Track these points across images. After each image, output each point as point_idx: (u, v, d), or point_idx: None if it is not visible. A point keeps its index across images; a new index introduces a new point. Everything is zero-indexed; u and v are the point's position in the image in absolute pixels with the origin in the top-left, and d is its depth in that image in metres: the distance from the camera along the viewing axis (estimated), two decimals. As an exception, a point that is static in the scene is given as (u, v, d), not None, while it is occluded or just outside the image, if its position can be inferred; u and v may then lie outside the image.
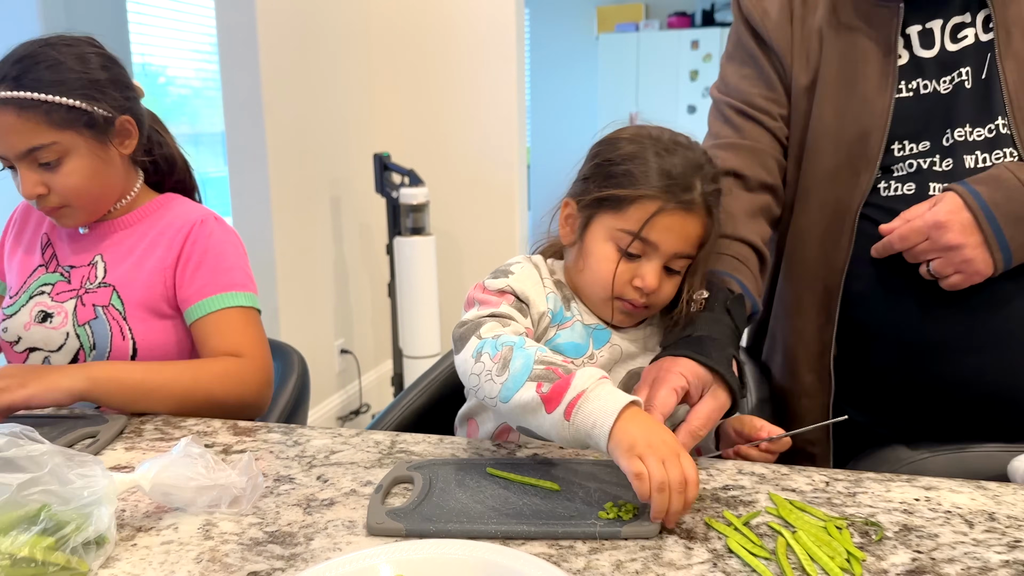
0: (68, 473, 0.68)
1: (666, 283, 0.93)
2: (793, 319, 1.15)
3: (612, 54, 6.25)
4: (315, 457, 0.89)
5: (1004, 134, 1.02)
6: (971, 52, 1.04)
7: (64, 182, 1.10)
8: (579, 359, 0.94)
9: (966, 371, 1.05)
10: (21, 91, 1.05)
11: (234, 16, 2.74)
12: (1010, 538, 0.70)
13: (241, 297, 1.16)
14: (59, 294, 1.16)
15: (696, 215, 0.91)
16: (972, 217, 0.96)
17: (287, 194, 2.95)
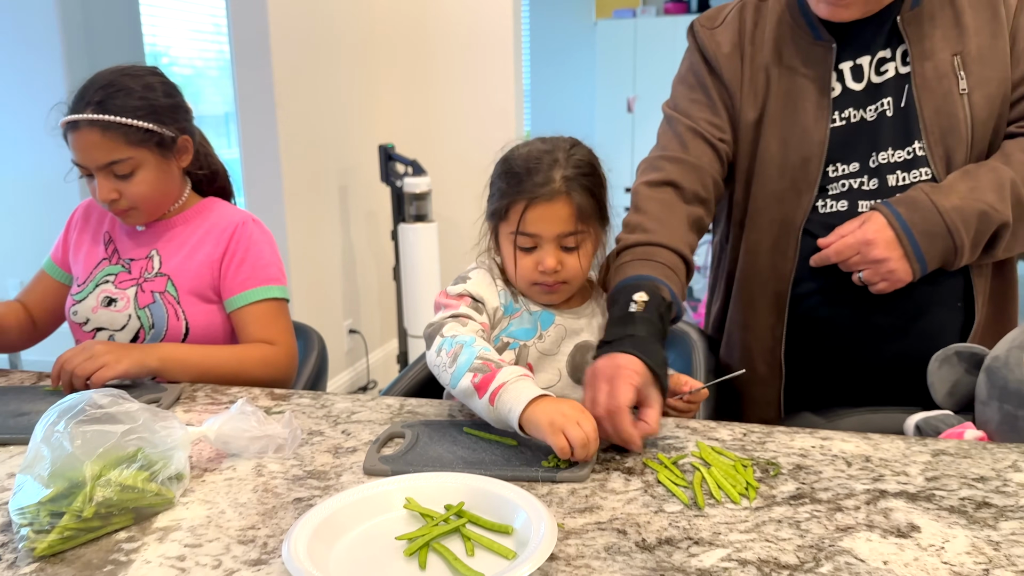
0: (154, 425, 0.89)
1: (568, 259, 1.13)
2: (748, 319, 1.34)
3: (610, 40, 6.39)
4: (339, 416, 1.11)
5: (920, 155, 1.21)
6: (892, 83, 1.22)
7: (135, 190, 1.33)
8: (530, 340, 1.15)
9: (890, 357, 1.26)
10: (106, 115, 1.28)
11: (247, 20, 2.93)
12: (876, 473, 0.91)
13: (275, 290, 1.39)
14: (121, 282, 1.39)
15: (560, 200, 1.09)
16: (895, 235, 1.15)
17: (298, 184, 3.14)
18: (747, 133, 1.28)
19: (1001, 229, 1.17)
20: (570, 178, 1.10)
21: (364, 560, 0.75)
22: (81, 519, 0.80)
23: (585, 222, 1.12)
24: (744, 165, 1.29)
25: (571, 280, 1.15)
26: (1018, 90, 1.21)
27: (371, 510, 0.82)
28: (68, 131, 1.31)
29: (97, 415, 0.86)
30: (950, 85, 1.19)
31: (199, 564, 0.76)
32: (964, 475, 0.90)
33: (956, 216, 1.14)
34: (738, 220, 1.33)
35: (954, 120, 1.19)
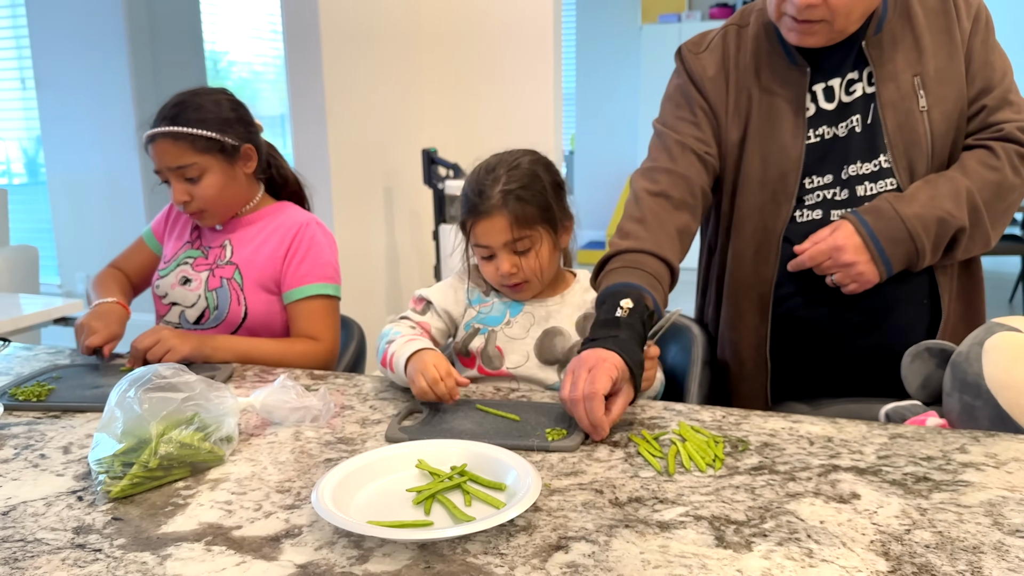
0: (209, 394, 1.05)
1: (523, 261, 1.33)
2: (735, 319, 1.45)
3: (655, 44, 6.48)
4: (368, 394, 1.26)
5: (886, 167, 1.32)
6: (860, 102, 1.33)
7: (203, 193, 1.52)
8: (498, 326, 1.38)
9: (865, 351, 1.37)
10: (175, 126, 1.49)
11: (299, 29, 3.11)
12: (832, 451, 1.03)
13: (329, 287, 1.56)
14: (198, 265, 1.59)
15: (498, 214, 1.30)
16: (862, 241, 1.27)
17: (345, 185, 3.32)
18: (732, 150, 1.39)
19: (959, 233, 1.28)
20: (507, 192, 1.30)
21: (380, 506, 0.90)
22: (147, 469, 0.96)
23: (528, 227, 1.30)
24: (729, 179, 1.41)
25: (531, 278, 1.33)
26: (974, 106, 1.32)
27: (388, 468, 0.97)
28: (148, 144, 1.52)
29: (161, 384, 1.03)
30: (911, 103, 1.30)
31: (243, 507, 0.91)
32: (913, 455, 1.01)
33: (917, 223, 1.25)
34: (724, 229, 1.44)
35: (915, 135, 1.30)
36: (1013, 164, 1.30)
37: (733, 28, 1.43)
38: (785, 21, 1.29)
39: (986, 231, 1.31)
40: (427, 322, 1.41)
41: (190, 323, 1.57)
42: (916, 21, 1.33)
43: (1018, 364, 1.09)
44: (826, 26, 1.26)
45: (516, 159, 1.36)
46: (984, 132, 1.33)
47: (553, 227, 1.35)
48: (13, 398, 1.26)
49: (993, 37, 1.35)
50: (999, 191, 1.30)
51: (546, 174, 1.36)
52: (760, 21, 1.40)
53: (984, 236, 1.31)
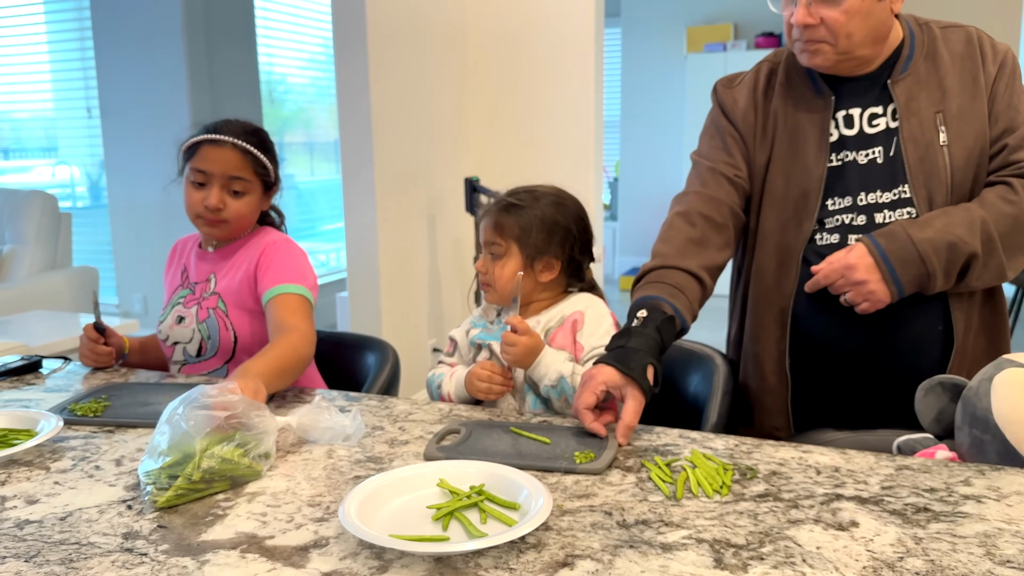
0: (250, 413, 1.13)
1: (493, 264, 1.51)
2: (757, 334, 1.51)
3: (700, 72, 6.52)
4: (398, 416, 1.33)
5: (906, 197, 1.38)
6: (883, 135, 1.40)
7: (237, 207, 1.64)
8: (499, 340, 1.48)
9: (879, 373, 1.42)
10: (248, 144, 1.63)
11: (349, 61, 3.24)
12: (838, 481, 1.06)
13: (295, 287, 1.59)
14: (188, 303, 1.69)
15: (487, 217, 1.52)
16: (874, 261, 1.33)
17: (391, 213, 3.43)
18: (759, 171, 1.48)
19: (971, 260, 1.32)
20: (508, 204, 1.50)
21: (401, 521, 0.97)
22: (191, 481, 1.04)
23: (501, 236, 1.46)
24: (755, 199, 1.49)
25: (493, 284, 1.49)
26: (996, 145, 1.37)
27: (412, 486, 1.03)
28: (207, 144, 1.62)
29: (207, 403, 1.11)
30: (932, 138, 1.37)
31: (277, 519, 0.99)
32: (917, 486, 1.04)
33: (928, 246, 1.31)
34: (750, 246, 1.52)
35: (935, 168, 1.36)
36: None
37: (766, 64, 1.54)
38: (796, 45, 1.40)
39: (1000, 261, 1.35)
40: (455, 362, 1.62)
41: (193, 357, 1.67)
42: (942, 63, 1.40)
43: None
44: (829, 47, 1.36)
45: (538, 188, 1.53)
46: (1006, 169, 1.38)
47: (524, 251, 1.48)
48: (72, 413, 1.36)
49: (1019, 83, 1.40)
50: (1015, 224, 1.34)
51: (550, 210, 1.48)
52: (791, 59, 1.49)
53: (998, 266, 1.35)
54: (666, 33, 6.95)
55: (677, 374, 1.62)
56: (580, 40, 3.80)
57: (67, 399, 1.45)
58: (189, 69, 4.89)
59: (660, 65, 7.03)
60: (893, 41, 1.41)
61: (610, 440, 1.19)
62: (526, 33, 3.86)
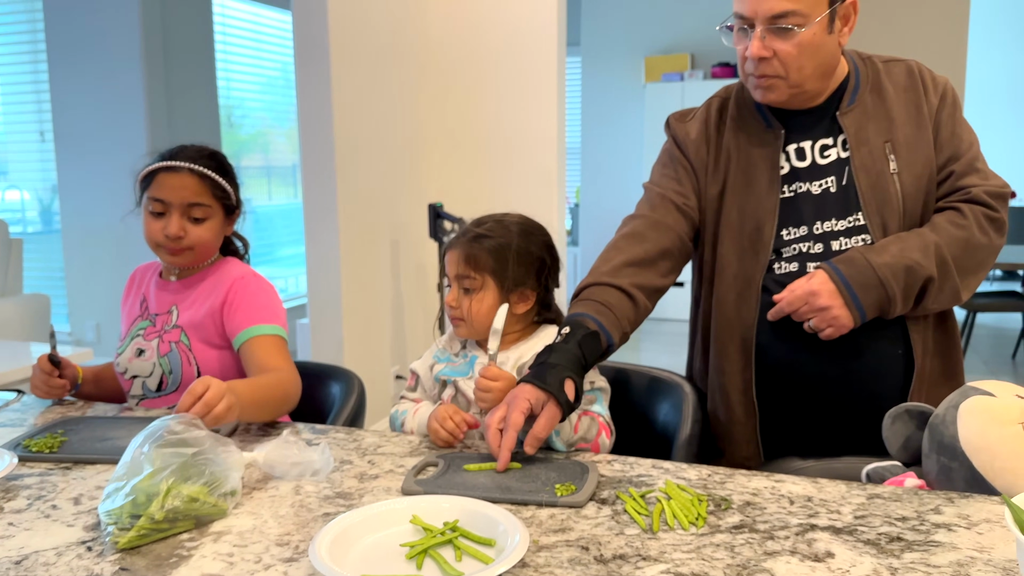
0: (217, 449, 1.10)
1: (465, 299, 1.45)
2: (722, 364, 1.52)
3: (658, 101, 6.62)
4: (367, 449, 1.31)
5: (861, 224, 1.42)
6: (835, 165, 1.44)
7: (199, 234, 1.60)
8: (463, 377, 1.46)
9: (842, 396, 1.44)
10: (205, 168, 1.59)
11: (311, 86, 3.23)
12: (812, 511, 1.07)
13: (271, 328, 1.58)
14: (148, 335, 1.64)
15: (456, 250, 1.46)
16: (836, 287, 1.35)
17: (353, 238, 3.40)
18: (712, 203, 1.50)
19: (928, 283, 1.36)
20: (477, 235, 1.45)
21: (374, 560, 0.94)
22: (154, 521, 1.01)
23: (474, 270, 1.42)
24: (710, 230, 1.51)
25: (467, 319, 1.44)
26: (943, 172, 1.43)
27: (383, 523, 1.01)
28: (163, 172, 1.58)
29: (173, 440, 1.08)
30: (882, 166, 1.41)
31: (244, 559, 0.96)
32: (889, 515, 1.05)
33: (887, 270, 1.34)
34: (708, 277, 1.53)
35: (887, 195, 1.40)
36: (980, 224, 1.40)
37: (716, 99, 1.57)
38: (750, 80, 1.43)
39: (955, 284, 1.39)
40: (419, 397, 1.55)
41: (153, 392, 1.62)
42: (887, 95, 1.45)
43: (991, 427, 1.13)
44: (782, 81, 1.39)
45: (506, 217, 1.50)
46: (953, 195, 1.43)
47: (501, 284, 1.43)
48: (27, 449, 1.31)
49: (960, 113, 1.46)
50: (967, 247, 1.39)
51: (522, 239, 1.46)
52: (740, 94, 1.53)
53: (953, 289, 1.39)
54: (625, 62, 7.05)
55: (646, 403, 1.62)
56: (542, 68, 3.83)
57: (21, 435, 1.40)
58: (146, 92, 4.82)
59: (619, 93, 7.12)
60: (839, 75, 1.46)
61: (591, 471, 1.18)
62: (489, 61, 3.88)
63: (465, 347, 1.52)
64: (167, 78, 4.96)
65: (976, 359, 5.35)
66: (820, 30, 1.35)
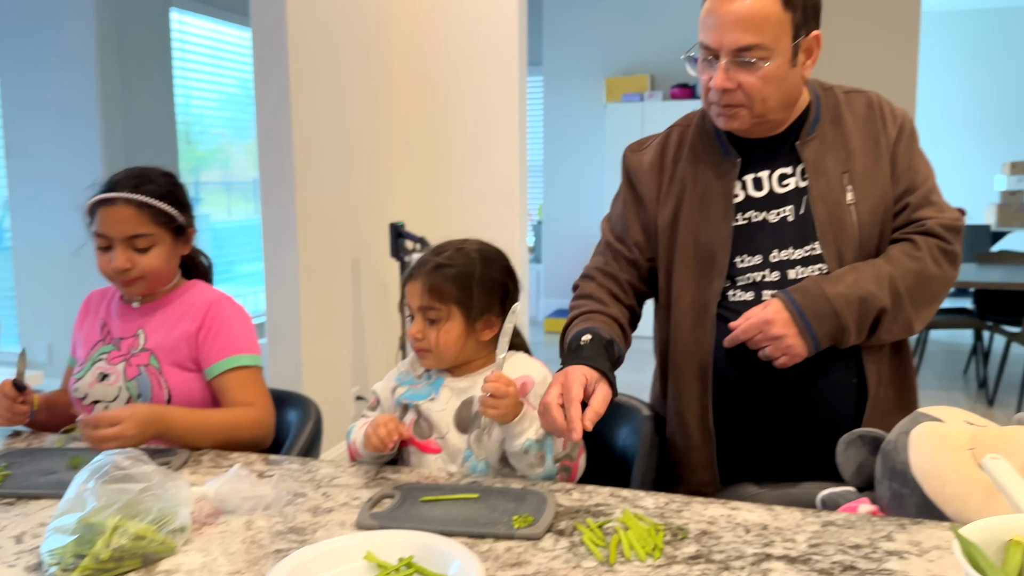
0: (165, 484, 1.07)
1: (430, 331, 1.42)
2: (680, 390, 1.52)
3: (619, 121, 6.68)
4: (322, 481, 1.29)
5: (817, 254, 1.43)
6: (793, 194, 1.45)
7: (148, 263, 1.56)
8: (423, 401, 1.44)
9: (797, 423, 1.45)
10: (142, 196, 1.54)
11: (270, 103, 3.20)
12: (767, 540, 1.07)
13: (248, 358, 1.59)
14: (112, 359, 1.60)
15: (421, 278, 1.43)
16: (790, 316, 1.36)
17: (313, 257, 3.37)
18: (665, 231, 1.51)
19: (881, 314, 1.38)
20: (437, 264, 1.42)
21: (326, 600, 0.93)
22: (99, 561, 0.98)
23: (439, 300, 1.40)
24: (665, 258, 1.53)
25: (432, 349, 1.42)
26: (899, 204, 1.45)
27: (336, 560, 0.99)
28: (101, 206, 1.55)
29: (119, 476, 1.05)
30: (840, 197, 1.42)
31: (193, 600, 0.93)
32: (843, 543, 1.06)
33: (841, 301, 1.36)
34: (664, 303, 1.55)
35: (844, 225, 1.42)
36: (933, 256, 1.41)
37: (677, 128, 1.58)
38: (712, 108, 1.44)
39: (908, 315, 1.40)
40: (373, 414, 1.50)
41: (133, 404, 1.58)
42: (846, 126, 1.46)
43: (941, 454, 1.15)
44: (746, 111, 1.40)
45: (465, 244, 1.48)
46: (909, 227, 1.45)
47: (467, 313, 1.42)
48: (-33, 484, 1.27)
49: (917, 145, 1.48)
50: (920, 279, 1.40)
51: (484, 267, 1.45)
52: (702, 122, 1.54)
53: (906, 320, 1.41)
54: (586, 82, 7.11)
55: (605, 427, 1.62)
56: (504, 87, 3.85)
57: (-39, 468, 1.35)
58: (101, 107, 4.74)
59: (581, 112, 7.18)
60: (801, 104, 1.47)
61: (548, 501, 1.17)
62: (451, 79, 3.89)
63: (429, 369, 1.50)
64: (123, 94, 4.88)
65: (929, 374, 5.46)
66: (784, 63, 1.37)
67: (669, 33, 6.71)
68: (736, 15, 1.34)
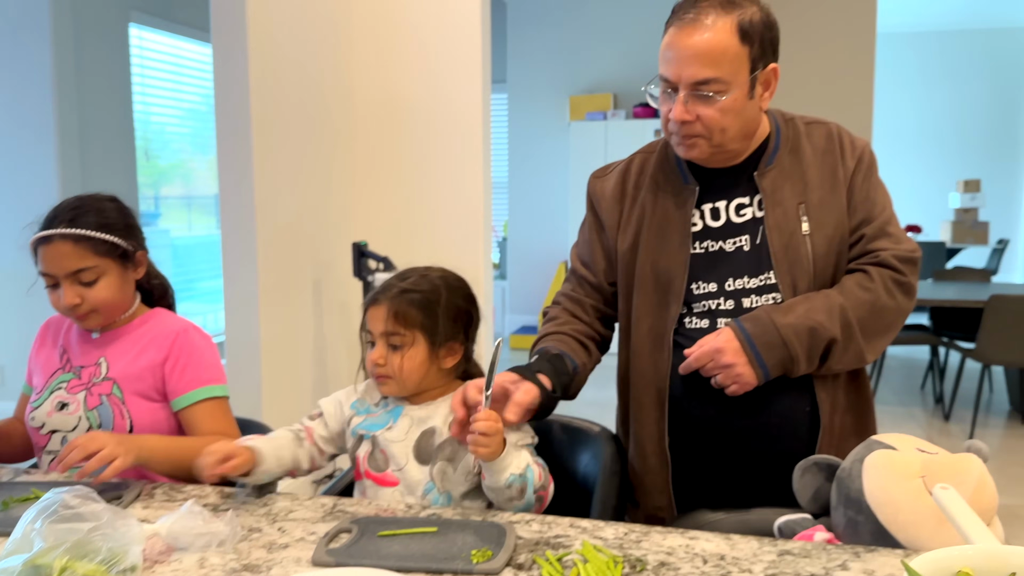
0: (115, 523, 1.05)
1: (392, 357, 1.40)
2: (638, 413, 1.53)
3: (583, 139, 6.73)
4: (277, 515, 1.27)
5: (772, 283, 1.45)
6: (750, 224, 1.47)
7: (96, 295, 1.52)
8: (380, 431, 1.43)
9: (751, 450, 1.47)
10: (78, 228, 1.49)
11: (230, 125, 3.17)
12: (724, 570, 1.08)
13: (217, 389, 1.57)
14: (72, 388, 1.57)
15: (382, 306, 1.41)
16: (740, 344, 1.38)
17: (273, 276, 3.33)
18: (625, 256, 1.54)
19: (831, 344, 1.40)
20: (402, 290, 1.41)
21: (280, 642, 0.91)
22: (46, 604, 0.95)
23: (403, 326, 1.39)
24: (624, 282, 1.55)
25: (395, 376, 1.40)
26: (855, 234, 1.47)
27: (291, 599, 0.98)
28: (40, 245, 1.51)
29: (67, 515, 1.03)
30: (795, 227, 1.44)
31: (142, 644, 0.91)
32: (799, 572, 1.07)
33: (790, 331, 1.37)
34: (624, 327, 1.57)
35: (798, 255, 1.44)
36: (887, 287, 1.43)
37: (640, 155, 1.60)
38: (673, 138, 1.46)
39: (859, 346, 1.42)
40: (313, 427, 1.49)
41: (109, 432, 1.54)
42: (804, 156, 1.48)
43: (895, 481, 1.16)
44: (705, 141, 1.42)
45: (429, 271, 1.48)
46: (864, 258, 1.47)
47: (432, 339, 1.41)
48: (-91, 522, 1.23)
49: (875, 176, 1.50)
50: (873, 310, 1.42)
51: (448, 293, 1.45)
52: (664, 150, 1.56)
53: (857, 350, 1.42)
54: (550, 100, 7.17)
55: (567, 453, 1.63)
56: (468, 104, 3.85)
57: (-97, 505, 1.31)
58: (58, 124, 4.66)
59: (545, 130, 7.23)
60: (761, 135, 1.49)
61: (508, 534, 1.17)
62: (415, 97, 3.88)
63: (386, 398, 1.48)
64: (80, 109, 4.81)
65: (887, 390, 5.55)
66: (741, 96, 1.38)
67: (632, 53, 6.80)
68: (694, 49, 1.35)
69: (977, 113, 8.99)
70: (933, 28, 8.97)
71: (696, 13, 1.37)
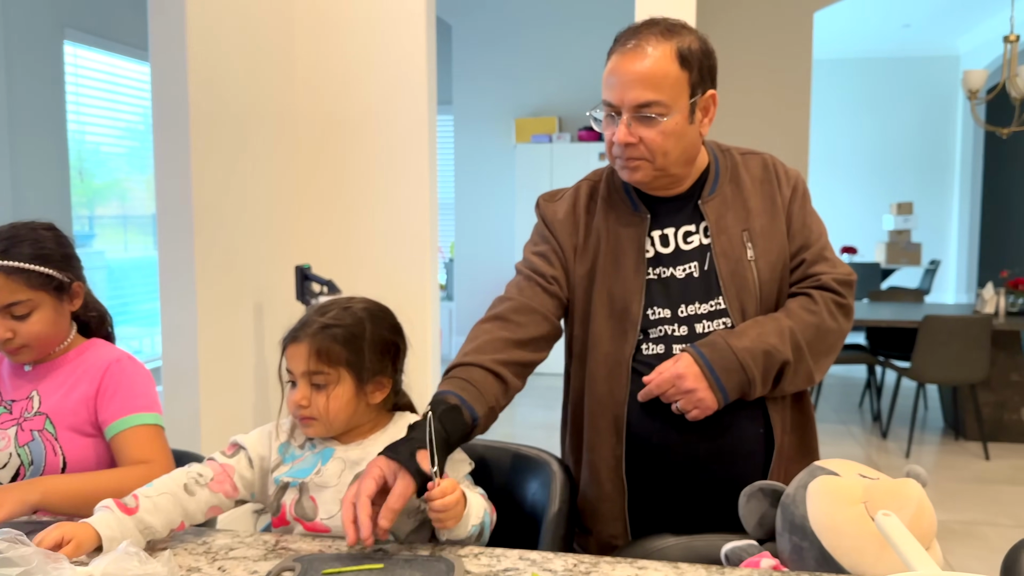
0: (47, 567, 1.00)
1: (317, 397, 1.33)
2: (593, 441, 1.53)
3: (529, 160, 6.78)
4: (217, 553, 1.23)
5: (722, 308, 1.48)
6: (697, 251, 1.50)
7: (29, 329, 1.46)
8: (307, 477, 1.35)
9: (708, 475, 1.48)
10: (9, 260, 1.43)
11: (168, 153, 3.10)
12: (673, 601, 1.08)
13: (149, 417, 1.51)
14: (3, 423, 1.50)
15: (303, 344, 1.33)
16: (700, 370, 1.40)
17: (211, 299, 3.25)
18: (581, 282, 1.54)
19: (784, 366, 1.44)
20: (324, 326, 1.33)
21: None
22: (-33, 657, 0.90)
23: (328, 364, 1.32)
24: (580, 308, 1.54)
25: (320, 417, 1.34)
26: (795, 260, 1.52)
27: (232, 644, 0.94)
28: None
29: (-11, 560, 0.97)
30: (740, 254, 1.49)
31: None
32: (746, 601, 1.07)
33: (747, 355, 1.41)
34: (579, 354, 1.56)
35: (745, 281, 1.48)
36: (829, 309, 1.49)
37: (587, 183, 1.62)
38: (617, 162, 1.48)
39: (808, 367, 1.47)
40: (232, 465, 1.37)
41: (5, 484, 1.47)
42: (744, 185, 1.54)
43: (838, 507, 1.18)
44: (648, 163, 1.45)
45: (351, 303, 1.39)
46: (805, 282, 1.52)
47: (358, 375, 1.34)
48: None
49: (809, 205, 1.57)
50: (818, 332, 1.47)
51: (373, 325, 1.36)
52: (611, 177, 1.58)
53: (807, 371, 1.47)
54: (496, 123, 7.21)
55: (514, 481, 1.61)
56: (414, 126, 3.84)
57: None
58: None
59: (491, 152, 7.27)
60: (700, 164, 1.53)
61: (456, 568, 1.15)
62: (360, 118, 3.86)
63: (312, 440, 1.39)
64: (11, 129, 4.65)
65: (827, 408, 5.68)
66: (682, 120, 1.42)
67: (577, 77, 6.89)
68: (636, 74, 1.39)
69: (909, 138, 9.34)
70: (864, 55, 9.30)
71: (638, 41, 1.41)
